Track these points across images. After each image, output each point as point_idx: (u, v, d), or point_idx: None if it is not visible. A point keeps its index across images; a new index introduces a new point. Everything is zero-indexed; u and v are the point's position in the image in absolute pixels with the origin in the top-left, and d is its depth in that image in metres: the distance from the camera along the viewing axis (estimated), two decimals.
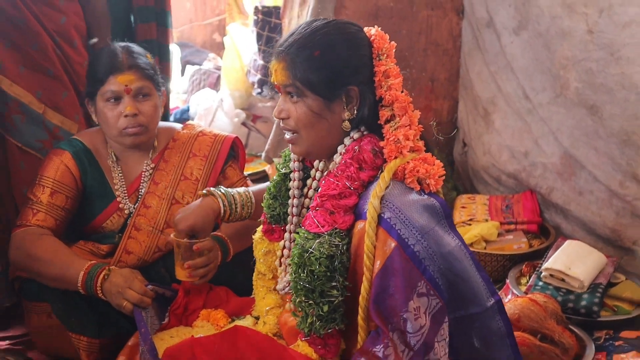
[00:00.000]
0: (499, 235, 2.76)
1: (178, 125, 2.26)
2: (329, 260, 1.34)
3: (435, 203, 1.42)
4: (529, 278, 2.47)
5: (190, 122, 2.33)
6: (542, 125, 2.86)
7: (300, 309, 1.38)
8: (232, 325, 1.68)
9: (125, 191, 2.10)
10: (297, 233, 1.43)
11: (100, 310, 1.89)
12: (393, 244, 1.33)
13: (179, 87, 4.81)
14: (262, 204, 1.67)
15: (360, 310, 1.36)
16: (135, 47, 2.10)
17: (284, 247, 1.59)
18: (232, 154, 2.21)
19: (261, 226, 1.68)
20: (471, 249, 2.64)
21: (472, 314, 1.43)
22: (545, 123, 2.83)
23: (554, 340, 2.00)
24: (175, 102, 4.58)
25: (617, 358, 2.01)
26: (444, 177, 1.45)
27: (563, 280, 2.33)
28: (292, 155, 1.58)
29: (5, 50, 2.19)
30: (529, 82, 2.87)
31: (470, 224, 2.84)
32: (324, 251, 1.34)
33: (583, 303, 2.25)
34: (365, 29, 1.49)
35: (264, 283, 1.67)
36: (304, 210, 1.57)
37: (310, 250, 1.35)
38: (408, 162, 1.40)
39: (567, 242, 2.52)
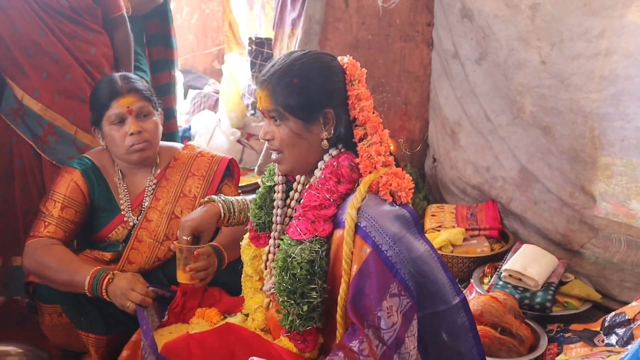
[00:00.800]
0: (465, 240, 2.77)
1: (179, 145, 2.25)
2: (309, 265, 1.35)
3: (405, 213, 1.43)
4: (491, 278, 2.48)
5: (190, 142, 2.34)
6: (501, 143, 2.88)
7: (282, 308, 1.39)
8: (224, 322, 1.68)
9: (129, 205, 2.09)
10: (282, 240, 1.44)
11: (106, 310, 1.88)
12: (368, 250, 1.33)
13: (182, 109, 4.81)
14: (249, 213, 1.67)
15: (338, 309, 1.36)
16: (131, 75, 2.12)
17: (269, 252, 1.60)
18: (227, 173, 2.20)
19: (248, 234, 1.68)
20: (440, 252, 2.66)
21: (439, 311, 1.44)
22: (505, 141, 2.85)
23: (512, 332, 2.02)
24: (179, 122, 4.57)
25: (567, 348, 2.02)
26: (413, 190, 1.47)
27: (520, 279, 2.34)
28: (277, 170, 1.59)
29: (41, 81, 2.22)
30: (490, 106, 2.89)
31: (439, 230, 2.85)
32: (305, 256, 1.35)
33: (537, 300, 2.26)
34: (339, 58, 1.50)
35: (252, 284, 1.67)
36: (287, 219, 1.58)
37: (293, 255, 1.36)
38: (381, 176, 1.41)
39: (524, 246, 2.53)
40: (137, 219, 2.07)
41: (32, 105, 2.21)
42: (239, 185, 2.37)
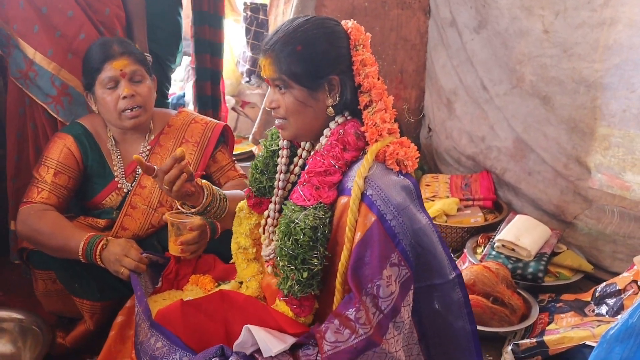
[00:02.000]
0: (459, 210, 2.78)
1: (173, 112, 2.22)
2: (312, 231, 1.34)
3: (410, 184, 1.42)
4: (484, 248, 2.49)
5: (184, 108, 2.30)
6: (497, 113, 2.86)
7: (282, 272, 1.38)
8: (218, 288, 1.68)
9: (123, 172, 2.07)
10: (285, 205, 1.42)
11: (100, 276, 1.87)
12: (373, 218, 1.32)
13: (176, 76, 4.73)
14: (248, 180, 1.64)
15: (338, 276, 1.36)
16: (124, 39, 2.06)
17: (268, 216, 1.57)
18: (222, 140, 2.18)
19: (245, 203, 1.66)
20: (434, 222, 2.66)
21: (435, 284, 1.44)
22: (501, 111, 2.83)
23: (504, 302, 2.03)
24: (173, 88, 4.51)
25: (558, 317, 2.04)
26: (418, 159, 1.46)
27: (513, 250, 2.35)
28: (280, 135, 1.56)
29: (55, 39, 2.15)
30: (487, 75, 2.87)
31: (433, 200, 2.86)
32: (309, 222, 1.33)
33: (530, 270, 2.28)
34: (343, 22, 1.47)
35: (245, 256, 1.65)
36: (289, 185, 1.56)
37: (296, 221, 1.35)
38: (388, 145, 1.40)
39: (517, 217, 2.54)
40: (131, 186, 2.05)
41: (46, 64, 2.14)
42: (233, 153, 2.34)
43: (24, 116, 2.26)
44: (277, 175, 1.57)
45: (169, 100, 3.10)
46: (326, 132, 1.46)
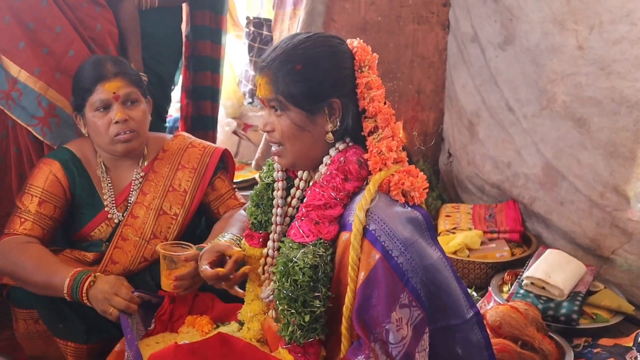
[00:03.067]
0: (482, 243, 2.75)
1: (168, 136, 2.24)
2: (312, 270, 1.32)
3: (418, 216, 1.41)
4: (511, 286, 2.46)
5: (181, 132, 2.31)
6: (525, 136, 2.86)
7: (282, 317, 1.37)
8: (216, 331, 1.66)
9: (114, 201, 2.07)
10: (282, 242, 1.42)
11: (87, 316, 1.87)
12: (377, 256, 1.31)
13: (175, 96, 4.77)
14: (246, 211, 1.66)
15: (344, 320, 1.34)
16: (118, 56, 2.08)
17: (267, 255, 1.58)
18: (221, 166, 2.19)
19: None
20: (454, 257, 2.66)
21: (452, 325, 1.42)
22: (529, 134, 2.83)
23: (534, 347, 1.99)
24: (171, 110, 4.55)
25: None
26: (427, 190, 1.45)
27: (544, 288, 2.32)
28: (276, 165, 1.57)
29: (42, 56, 2.18)
30: (514, 95, 2.87)
31: (454, 233, 2.84)
32: (308, 261, 1.32)
33: (563, 311, 2.24)
34: (348, 41, 1.48)
35: (253, 288, 1.65)
36: (287, 219, 1.56)
37: (295, 259, 1.34)
38: (393, 174, 1.39)
39: (548, 251, 2.51)
40: (122, 216, 2.05)
41: (32, 83, 2.16)
42: (234, 180, 2.35)
43: (6, 140, 2.27)
44: (273, 210, 1.57)
45: (167, 123, 3.14)
46: (326, 159, 1.46)
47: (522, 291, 2.35)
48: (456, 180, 3.36)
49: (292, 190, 1.56)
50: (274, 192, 1.57)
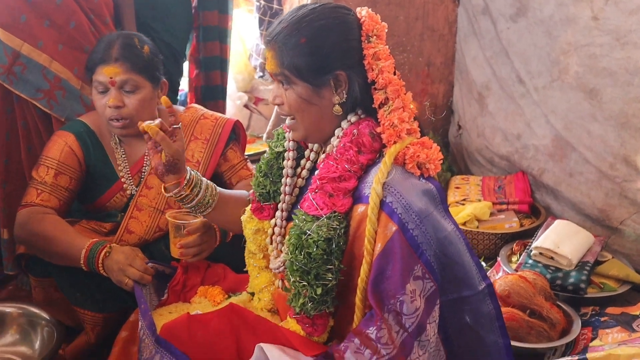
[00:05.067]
0: (491, 214, 2.74)
1: (181, 108, 2.22)
2: (326, 243, 1.30)
3: (432, 188, 1.39)
4: (520, 256, 2.45)
5: (193, 104, 2.30)
6: (535, 108, 2.82)
7: (293, 288, 1.35)
8: (228, 301, 1.65)
9: (129, 172, 2.06)
10: (295, 214, 1.39)
11: (104, 286, 1.86)
12: (394, 228, 1.29)
13: (187, 71, 4.75)
14: (251, 182, 1.62)
15: (358, 292, 1.32)
16: (134, 39, 2.01)
17: (275, 225, 1.55)
18: (233, 137, 2.17)
19: (250, 205, 1.63)
20: (464, 228, 2.64)
21: (464, 297, 1.41)
22: (539, 106, 2.79)
23: (542, 315, 1.99)
24: (182, 85, 4.53)
25: (602, 333, 1.99)
26: (442, 161, 1.42)
27: (552, 258, 2.31)
28: (287, 135, 1.53)
29: (45, 29, 2.14)
30: (525, 67, 2.83)
31: (463, 204, 2.82)
32: (322, 234, 1.30)
33: (571, 280, 2.23)
34: (358, 9, 1.43)
35: (256, 262, 1.63)
36: (296, 189, 1.53)
37: (309, 232, 1.31)
38: (408, 147, 1.36)
39: (557, 222, 2.49)
40: (137, 186, 2.04)
41: (36, 56, 2.12)
42: (246, 153, 2.33)
43: (12, 114, 2.24)
44: (283, 180, 1.53)
45: (178, 97, 3.12)
46: (338, 132, 1.42)
47: (530, 261, 2.34)
48: (466, 152, 3.34)
49: (302, 162, 1.53)
50: (284, 162, 1.53)
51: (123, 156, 2.07)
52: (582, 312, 2.14)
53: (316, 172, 1.41)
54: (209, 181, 1.65)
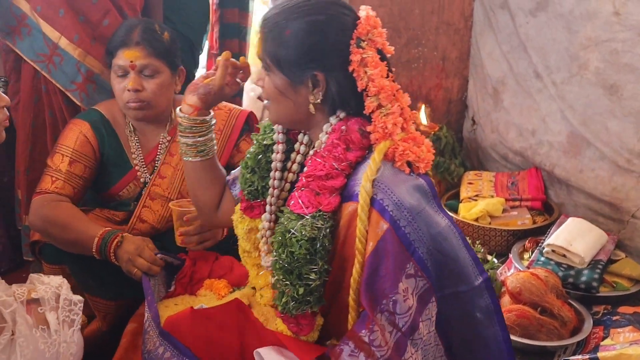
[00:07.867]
0: (504, 211, 2.70)
1: None
2: (310, 243, 1.26)
3: (423, 183, 1.34)
4: (532, 253, 2.42)
5: None
6: (551, 103, 2.77)
7: (277, 287, 1.32)
8: (232, 295, 1.64)
9: (143, 161, 2.06)
10: (281, 212, 1.35)
11: (116, 274, 1.84)
12: (385, 226, 1.25)
13: (201, 63, 4.75)
14: (239, 180, 1.56)
15: (351, 292, 1.29)
16: (155, 24, 2.02)
17: (265, 220, 1.50)
18: (246, 128, 2.15)
19: (239, 205, 1.57)
20: (476, 224, 2.62)
21: (460, 292, 1.37)
22: (555, 102, 2.74)
23: (554, 313, 1.96)
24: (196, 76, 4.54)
25: (614, 332, 1.96)
26: (433, 160, 1.37)
27: (564, 256, 2.27)
28: (276, 127, 1.48)
29: (79, 24, 2.17)
30: (543, 62, 2.78)
31: (476, 200, 2.78)
32: (306, 233, 1.26)
33: (583, 278, 2.20)
34: (362, 7, 1.35)
35: (253, 261, 1.59)
36: (288, 185, 1.47)
37: (292, 231, 1.27)
38: (398, 144, 1.30)
39: (570, 219, 2.45)
40: (150, 176, 2.04)
41: (71, 50, 2.15)
42: None
43: (39, 104, 2.26)
44: (271, 174, 1.48)
45: None
46: (326, 127, 1.37)
47: (542, 258, 2.31)
48: (479, 147, 3.31)
49: (292, 155, 1.47)
50: (273, 155, 1.48)
51: (137, 145, 2.07)
52: (593, 311, 2.11)
53: (304, 169, 1.37)
54: (214, 140, 1.62)
